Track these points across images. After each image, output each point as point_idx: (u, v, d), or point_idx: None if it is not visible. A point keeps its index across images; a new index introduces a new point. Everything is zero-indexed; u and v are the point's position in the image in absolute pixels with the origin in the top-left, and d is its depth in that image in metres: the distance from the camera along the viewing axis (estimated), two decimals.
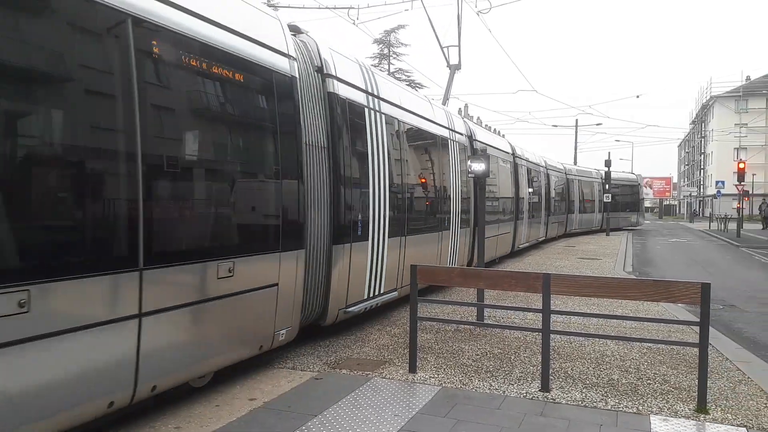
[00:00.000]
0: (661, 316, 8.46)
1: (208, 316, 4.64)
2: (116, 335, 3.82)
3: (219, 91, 5.03)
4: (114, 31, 3.89)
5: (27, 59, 3.45)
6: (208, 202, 4.88)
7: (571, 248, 21.91)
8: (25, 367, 3.28)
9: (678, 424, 4.54)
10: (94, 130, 3.85)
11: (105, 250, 3.85)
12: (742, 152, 57.64)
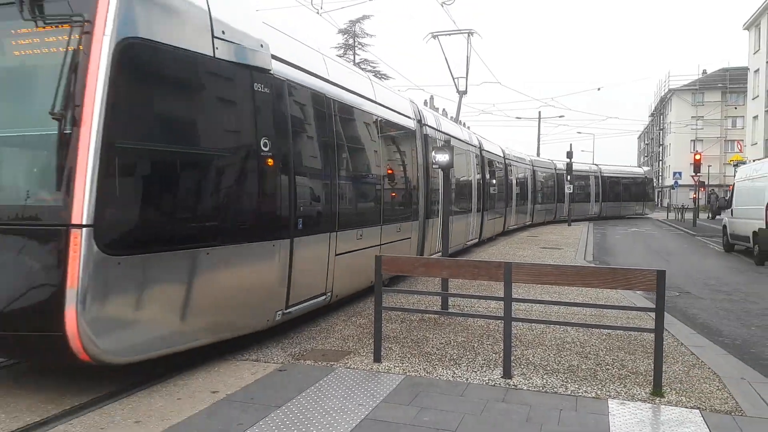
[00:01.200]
0: (619, 303, 8.67)
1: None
2: (365, 256, 8.09)
3: (390, 140, 10.07)
4: (348, 113, 8.42)
5: (320, 133, 7.47)
6: (392, 197, 10.01)
7: (534, 238, 22.26)
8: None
9: (635, 408, 4.66)
10: (339, 161, 7.92)
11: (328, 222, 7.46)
12: (698, 144, 59.38)
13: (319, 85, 7.34)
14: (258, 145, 5.87)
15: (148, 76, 5.02)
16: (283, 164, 6.20)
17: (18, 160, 5.09)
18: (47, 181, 4.63)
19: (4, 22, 4.82)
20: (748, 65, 44.13)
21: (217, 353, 6.12)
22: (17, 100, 5.06)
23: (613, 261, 16.12)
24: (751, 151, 41.71)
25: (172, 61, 5.14)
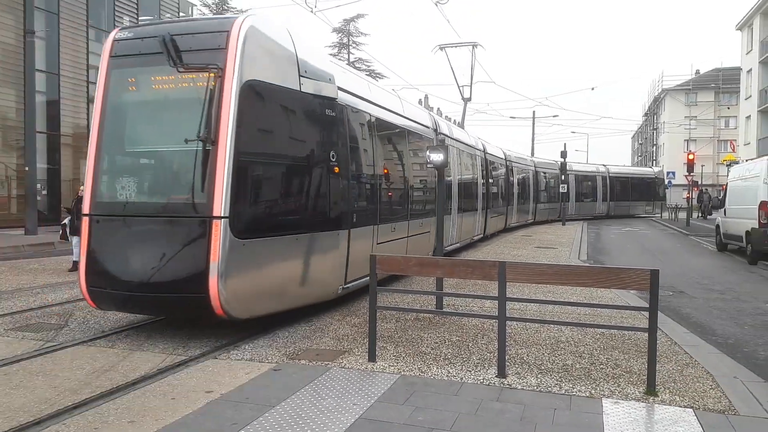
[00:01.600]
0: (613, 303, 8.70)
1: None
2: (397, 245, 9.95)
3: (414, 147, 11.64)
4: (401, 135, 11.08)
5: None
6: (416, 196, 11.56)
7: (529, 237, 22.30)
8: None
9: (628, 407, 4.68)
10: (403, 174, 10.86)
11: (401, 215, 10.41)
12: (692, 144, 59.60)
13: (365, 106, 9.14)
14: (328, 156, 7.55)
15: (261, 107, 6.76)
16: (343, 171, 7.87)
17: (176, 168, 6.73)
18: (197, 184, 6.31)
19: (155, 67, 6.62)
20: (741, 65, 44.36)
21: (210, 352, 6.13)
22: (171, 124, 6.73)
23: (607, 260, 16.17)
24: (744, 150, 41.93)
25: (275, 96, 6.93)
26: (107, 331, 7.00)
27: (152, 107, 6.97)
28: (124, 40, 6.96)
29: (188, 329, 7.17)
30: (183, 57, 6.39)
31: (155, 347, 6.35)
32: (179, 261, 6.20)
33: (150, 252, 6.32)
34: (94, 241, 6.64)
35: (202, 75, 6.34)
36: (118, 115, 7.07)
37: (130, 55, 6.88)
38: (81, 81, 26.22)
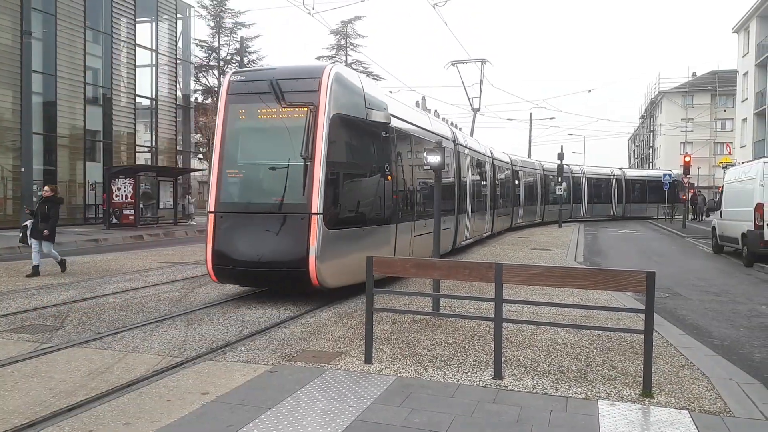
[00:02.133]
0: (609, 305, 8.71)
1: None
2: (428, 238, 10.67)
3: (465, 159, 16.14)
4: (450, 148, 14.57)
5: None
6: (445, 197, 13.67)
7: (525, 239, 22.32)
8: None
9: (624, 408, 4.69)
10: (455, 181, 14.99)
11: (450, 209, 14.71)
12: (688, 146, 59.72)
13: (406, 126, 11.50)
14: (384, 168, 9.80)
15: (342, 133, 9.04)
16: (393, 179, 10.09)
17: (283, 178, 8.73)
18: (299, 190, 8.41)
19: (262, 103, 8.91)
20: (738, 68, 44.49)
21: (206, 354, 6.12)
22: (276, 146, 9.03)
23: (603, 262, 16.19)
24: (740, 153, 42.03)
25: (350, 124, 9.25)
26: (103, 333, 6.99)
27: (261, 133, 9.26)
28: (238, 81, 9.37)
29: (184, 330, 7.17)
30: (285, 96, 8.71)
31: (151, 349, 6.34)
32: (286, 245, 8.47)
33: (264, 238, 8.55)
34: (218, 231, 8.85)
35: (301, 110, 8.64)
36: (234, 138, 9.30)
37: (243, 93, 9.21)
38: (78, 82, 26.18)
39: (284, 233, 8.46)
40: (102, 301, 9.00)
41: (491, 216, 20.77)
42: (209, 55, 55.73)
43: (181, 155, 33.77)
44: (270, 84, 8.85)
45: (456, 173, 15.56)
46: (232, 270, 8.79)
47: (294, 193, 8.59)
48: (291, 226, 8.48)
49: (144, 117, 31.36)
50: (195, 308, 8.54)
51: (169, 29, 32.04)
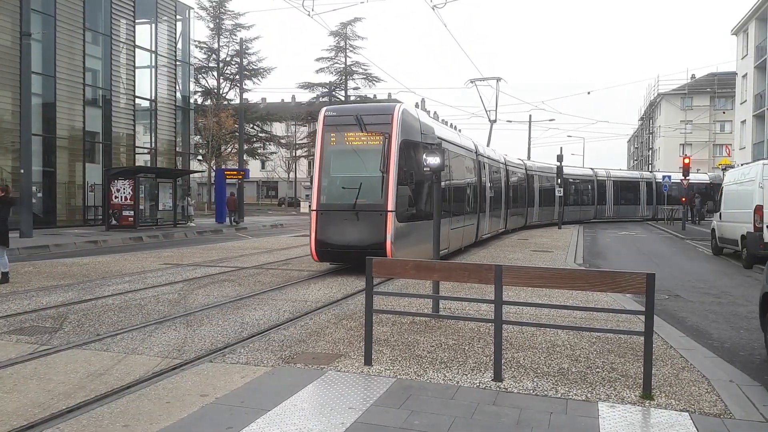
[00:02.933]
0: (609, 306, 8.69)
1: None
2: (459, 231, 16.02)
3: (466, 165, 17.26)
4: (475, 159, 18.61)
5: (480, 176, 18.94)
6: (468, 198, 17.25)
7: (525, 241, 22.32)
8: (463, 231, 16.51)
9: (624, 410, 4.68)
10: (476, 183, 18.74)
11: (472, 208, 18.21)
12: (687, 148, 59.74)
13: (446, 144, 14.08)
14: (432, 175, 12.46)
15: (406, 153, 12.13)
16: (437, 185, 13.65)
17: (376, 186, 11.92)
18: (379, 194, 11.23)
19: (350, 131, 12.32)
20: (737, 70, 44.53)
21: (206, 356, 6.11)
22: (360, 162, 12.12)
23: (603, 264, 16.19)
24: (740, 155, 42.05)
25: (411, 146, 12.36)
26: (102, 335, 6.98)
27: (349, 152, 12.52)
28: (331, 115, 12.82)
29: (183, 332, 7.15)
30: (367, 127, 11.94)
31: (150, 350, 6.33)
32: (370, 232, 11.74)
33: (353, 228, 11.83)
34: (319, 223, 12.16)
35: (378, 136, 11.98)
36: (329, 156, 12.62)
37: (334, 125, 12.62)
38: (77, 83, 26.18)
39: (368, 224, 11.77)
40: (101, 303, 8.99)
41: (505, 215, 24.31)
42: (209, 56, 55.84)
43: (181, 157, 33.76)
44: (355, 117, 12.38)
45: (477, 179, 18.87)
46: (330, 251, 12.30)
47: (375, 196, 11.90)
48: (373, 219, 11.73)
49: (143, 118, 31.35)
50: (194, 310, 8.53)
51: (169, 30, 32.05)
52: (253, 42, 56.35)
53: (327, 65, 61.20)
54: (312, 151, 65.77)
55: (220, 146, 49.58)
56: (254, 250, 17.89)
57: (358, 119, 12.17)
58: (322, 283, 11.33)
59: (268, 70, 57.13)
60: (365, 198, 11.96)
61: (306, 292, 10.17)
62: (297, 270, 13.19)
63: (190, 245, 20.07)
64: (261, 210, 54.16)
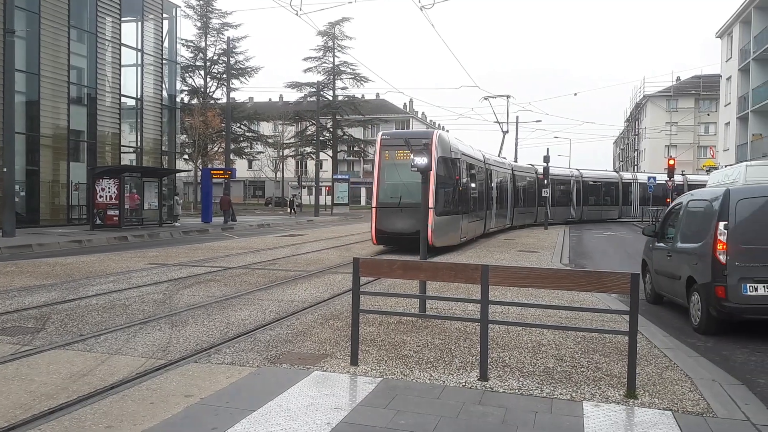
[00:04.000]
0: (594, 306, 8.75)
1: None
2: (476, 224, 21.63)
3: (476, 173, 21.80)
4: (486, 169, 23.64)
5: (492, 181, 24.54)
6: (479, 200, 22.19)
7: (511, 241, 22.42)
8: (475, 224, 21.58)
9: (609, 409, 4.71)
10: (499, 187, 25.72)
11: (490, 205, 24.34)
12: (672, 149, 60.39)
13: (465, 158, 19.39)
14: (457, 182, 18.04)
15: (442, 165, 17.11)
16: (462, 188, 18.61)
17: (413, 189, 15.94)
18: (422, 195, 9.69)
19: (400, 149, 17.36)
20: (721, 73, 45.06)
21: (190, 356, 6.06)
22: (408, 171, 11.83)
23: (588, 264, 16.29)
24: (723, 156, 42.53)
25: (445, 160, 17.48)
26: (85, 335, 6.91)
27: (399, 165, 16.67)
28: (386, 138, 17.88)
29: (168, 332, 7.10)
30: (413, 147, 11.93)
31: (134, 351, 6.28)
32: (416, 223, 15.12)
33: (405, 219, 16.25)
34: (378, 216, 17.01)
35: (426, 153, 12.62)
36: (385, 168, 17.63)
37: (389, 145, 17.53)
38: (62, 81, 25.90)
39: (415, 217, 15.75)
40: (85, 303, 8.90)
41: (511, 213, 28.88)
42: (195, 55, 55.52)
43: (167, 156, 33.50)
44: (404, 140, 17.25)
45: (486, 183, 23.50)
46: (386, 236, 17.40)
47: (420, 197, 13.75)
48: (418, 213, 13.20)
49: (129, 117, 31.08)
50: (179, 310, 8.47)
51: (155, 29, 31.80)
52: (240, 41, 55.95)
53: (315, 65, 61.15)
54: (300, 151, 65.82)
55: (206, 145, 49.26)
56: (241, 250, 17.81)
57: (407, 141, 15.84)
58: (308, 283, 11.31)
59: (256, 70, 56.96)
60: (413, 198, 16.22)
61: (292, 293, 10.14)
62: (284, 270, 13.15)
63: (176, 245, 19.93)
64: (248, 210, 53.90)
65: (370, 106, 68.78)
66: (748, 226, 7.52)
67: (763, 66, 35.21)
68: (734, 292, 7.33)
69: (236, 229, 28.98)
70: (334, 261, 14.92)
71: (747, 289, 7.33)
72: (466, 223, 19.37)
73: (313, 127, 56.49)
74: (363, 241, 21.78)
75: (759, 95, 35.34)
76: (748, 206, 7.59)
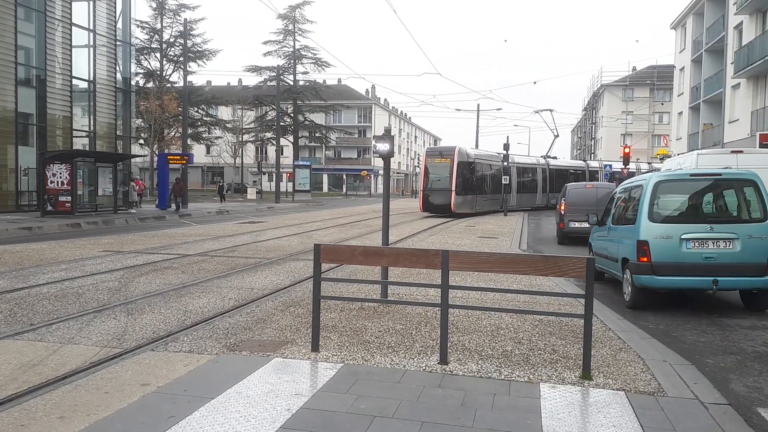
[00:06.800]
0: (552, 290, 8.93)
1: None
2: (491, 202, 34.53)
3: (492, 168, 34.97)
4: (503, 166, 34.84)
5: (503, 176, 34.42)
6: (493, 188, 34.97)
7: (472, 228, 22.67)
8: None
9: (565, 391, 4.82)
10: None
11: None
12: (628, 138, 61.85)
13: (478, 159, 32.82)
14: (473, 177, 31.77)
15: (461, 166, 30.59)
16: (477, 179, 32.30)
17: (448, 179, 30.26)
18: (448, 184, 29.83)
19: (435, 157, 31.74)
20: (675, 63, 46.25)
21: (147, 344, 5.94)
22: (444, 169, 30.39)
23: (547, 250, 16.60)
24: (676, 145, 43.82)
25: (464, 163, 30.93)
26: (36, 324, 6.69)
27: (436, 165, 30.79)
28: (429, 149, 34.09)
29: (124, 321, 6.94)
30: (442, 156, 30.95)
31: (88, 340, 6.11)
32: (445, 199, 29.69)
33: (439, 197, 29.99)
34: (425, 195, 30.75)
35: (447, 160, 30.26)
36: (428, 167, 31.12)
37: (430, 155, 32.31)
38: (8, 62, 24.83)
39: (444, 196, 29.56)
40: (35, 292, 8.61)
41: (514, 199, 36.54)
42: (151, 37, 54.02)
43: (121, 140, 32.57)
44: (438, 151, 32.07)
45: (502, 175, 32.89)
46: (428, 207, 30.25)
47: (446, 183, 29.45)
48: (446, 193, 29.30)
49: (81, 100, 30.03)
50: (135, 298, 8.28)
51: (108, 9, 30.72)
52: (198, 23, 54.79)
53: (275, 48, 60.27)
54: (260, 136, 64.95)
55: (162, 130, 48.12)
56: (198, 237, 17.51)
57: (440, 152, 31.25)
58: (269, 270, 11.20)
59: (214, 53, 55.84)
60: (443, 184, 29.62)
61: (252, 280, 10.03)
62: (243, 257, 12.99)
63: (132, 232, 19.47)
64: (206, 196, 52.97)
65: (331, 91, 68.27)
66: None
67: (715, 57, 36.29)
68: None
69: (194, 216, 28.48)
70: (296, 248, 14.82)
71: None
72: (480, 200, 31.81)
73: (274, 112, 55.75)
74: (325, 228, 21.71)
75: (710, 86, 36.45)
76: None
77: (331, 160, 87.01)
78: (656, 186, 8.43)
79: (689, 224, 8.23)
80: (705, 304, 9.00)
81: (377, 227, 18.77)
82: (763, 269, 7.90)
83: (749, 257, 7.93)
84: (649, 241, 8.19)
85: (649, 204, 8.32)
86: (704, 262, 7.99)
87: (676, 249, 8.08)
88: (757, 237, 7.97)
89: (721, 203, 8.91)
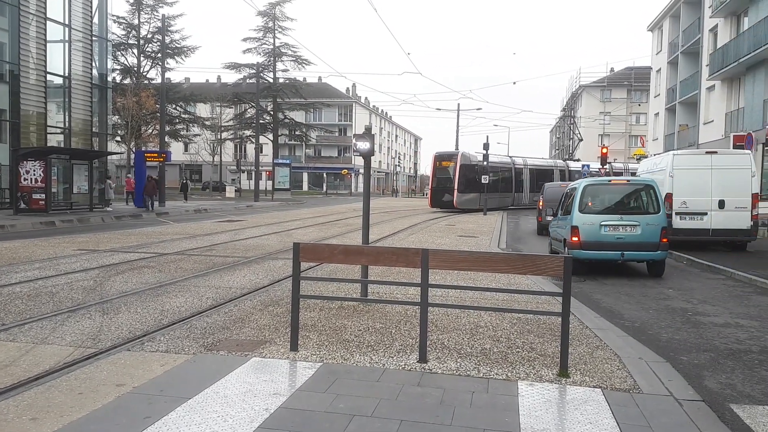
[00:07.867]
0: (530, 289, 9.00)
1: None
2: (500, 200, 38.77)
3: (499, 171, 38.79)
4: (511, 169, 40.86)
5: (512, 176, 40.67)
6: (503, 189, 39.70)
7: (452, 227, 22.75)
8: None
9: (542, 388, 4.86)
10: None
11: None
12: (605, 138, 62.61)
13: (482, 162, 34.60)
14: (478, 177, 34.25)
15: (464, 168, 35.24)
16: (481, 182, 33.80)
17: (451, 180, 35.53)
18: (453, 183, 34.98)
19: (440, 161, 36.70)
20: (652, 65, 46.92)
21: (123, 344, 5.85)
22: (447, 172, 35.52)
23: (525, 249, 16.73)
24: (653, 145, 44.45)
25: (467, 166, 35.57)
26: (8, 324, 6.55)
27: (441, 168, 35.96)
28: (437, 155, 37.09)
29: (99, 320, 6.83)
30: (447, 160, 35.77)
31: (62, 340, 6.00)
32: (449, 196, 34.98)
33: (444, 194, 35.19)
34: (432, 193, 36.58)
35: (451, 164, 35.11)
36: (435, 171, 36.75)
37: (438, 158, 36.59)
38: None
39: (447, 193, 34.60)
40: (7, 291, 8.44)
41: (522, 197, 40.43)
42: (128, 32, 53.22)
43: (98, 137, 32.06)
44: (441, 155, 36.70)
45: (511, 175, 38.23)
46: (436, 203, 35.54)
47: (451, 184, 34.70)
48: (449, 192, 34.38)
49: (56, 96, 29.49)
50: (111, 297, 8.16)
51: (84, 3, 30.19)
52: (176, 19, 54.01)
53: (255, 46, 59.83)
54: (239, 134, 64.45)
55: (140, 127, 47.44)
56: (176, 236, 17.31)
57: (446, 156, 35.44)
58: (247, 269, 11.12)
59: (192, 49, 55.14)
60: (447, 184, 34.04)
61: (230, 279, 9.94)
62: (221, 256, 12.88)
63: (108, 230, 19.19)
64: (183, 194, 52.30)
65: (312, 89, 67.99)
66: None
67: (691, 59, 36.87)
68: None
69: (171, 215, 28.16)
70: (275, 247, 14.73)
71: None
72: (485, 198, 33.46)
73: (253, 110, 55.34)
74: (305, 227, 21.62)
75: (686, 87, 37.04)
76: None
77: (311, 158, 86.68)
78: (585, 188, 11.74)
79: (606, 215, 11.39)
80: (680, 301, 9.15)
81: (357, 226, 18.77)
82: (655, 246, 11.08)
83: (647, 238, 11.05)
84: (579, 226, 11.31)
85: (580, 200, 11.55)
86: (616, 241, 11.15)
87: (597, 232, 11.23)
88: (653, 224, 11.10)
89: (629, 200, 12.01)
